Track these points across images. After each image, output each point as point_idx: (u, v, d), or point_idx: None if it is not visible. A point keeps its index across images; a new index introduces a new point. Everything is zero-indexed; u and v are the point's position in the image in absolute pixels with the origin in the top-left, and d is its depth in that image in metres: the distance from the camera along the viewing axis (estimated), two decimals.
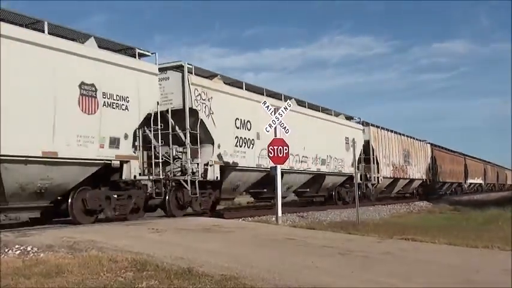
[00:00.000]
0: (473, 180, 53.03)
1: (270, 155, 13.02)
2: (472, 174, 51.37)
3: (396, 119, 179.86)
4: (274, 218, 13.33)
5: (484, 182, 58.53)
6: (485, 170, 59.80)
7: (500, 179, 70.74)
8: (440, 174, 39.10)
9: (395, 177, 29.43)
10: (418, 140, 35.01)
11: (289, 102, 13.41)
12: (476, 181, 54.57)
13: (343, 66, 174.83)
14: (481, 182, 56.98)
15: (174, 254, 6.83)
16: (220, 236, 9.40)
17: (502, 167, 74.94)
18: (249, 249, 8.08)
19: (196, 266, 6.01)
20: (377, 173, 26.55)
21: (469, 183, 50.87)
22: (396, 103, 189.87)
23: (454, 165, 44.70)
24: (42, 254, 7.00)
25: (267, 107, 13.10)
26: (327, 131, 21.57)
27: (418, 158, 34.13)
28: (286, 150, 12.99)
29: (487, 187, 60.73)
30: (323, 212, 18.84)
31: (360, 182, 24.78)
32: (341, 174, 22.89)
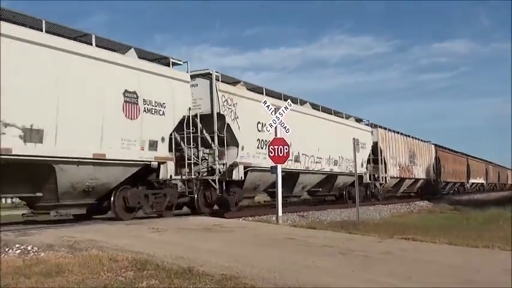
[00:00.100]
0: (476, 180, 52.92)
1: (271, 154, 12.77)
2: (474, 174, 51.23)
3: (396, 119, 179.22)
4: (274, 218, 13.17)
5: (485, 182, 58.33)
6: (486, 170, 59.53)
7: (501, 179, 70.41)
8: (444, 174, 39.29)
9: (401, 177, 29.99)
10: (422, 141, 35.33)
11: (289, 101, 13.61)
12: (478, 181, 54.45)
13: (343, 66, 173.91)
14: (482, 182, 56.78)
15: (174, 254, 6.70)
16: (220, 236, 9.25)
17: (503, 167, 74.53)
18: (249, 249, 7.94)
19: (197, 266, 5.91)
20: (385, 173, 27.17)
21: (471, 183, 50.82)
22: (396, 103, 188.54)
23: (457, 165, 44.62)
24: (42, 254, 6.88)
25: (267, 106, 13.11)
26: (338, 133, 22.15)
27: (423, 158, 34.50)
28: (286, 149, 12.68)
29: (489, 187, 60.46)
30: (323, 212, 18.56)
31: (369, 182, 25.80)
32: (351, 174, 23.34)
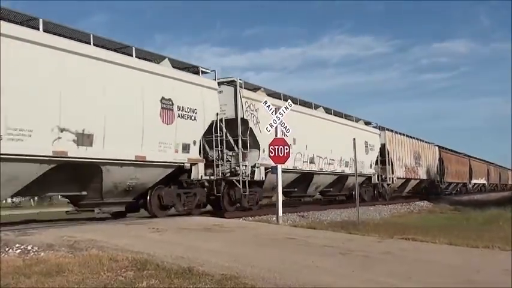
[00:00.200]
0: (477, 180, 52.86)
1: (271, 154, 12.64)
2: (476, 174, 51.18)
3: (397, 119, 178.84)
4: (274, 218, 13.06)
5: (487, 182, 58.24)
6: (488, 170, 59.36)
7: (502, 179, 70.22)
8: (447, 175, 39.52)
9: (407, 177, 30.39)
10: (427, 143, 35.65)
11: (289, 101, 13.66)
12: (480, 181, 54.40)
13: (344, 66, 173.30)
14: (484, 182, 56.67)
15: (174, 254, 6.60)
16: (221, 236, 9.13)
17: (504, 168, 74.24)
18: (249, 249, 7.83)
19: (197, 266, 5.82)
20: (392, 173, 27.63)
21: (473, 184, 50.88)
22: (397, 103, 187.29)
23: (460, 166, 44.65)
24: (42, 253, 6.77)
25: (268, 107, 13.15)
26: (349, 135, 22.09)
27: (427, 159, 34.74)
28: (287, 149, 12.47)
29: (490, 187, 60.32)
30: (323, 212, 18.31)
31: (378, 182, 26.53)
32: (361, 175, 23.73)
